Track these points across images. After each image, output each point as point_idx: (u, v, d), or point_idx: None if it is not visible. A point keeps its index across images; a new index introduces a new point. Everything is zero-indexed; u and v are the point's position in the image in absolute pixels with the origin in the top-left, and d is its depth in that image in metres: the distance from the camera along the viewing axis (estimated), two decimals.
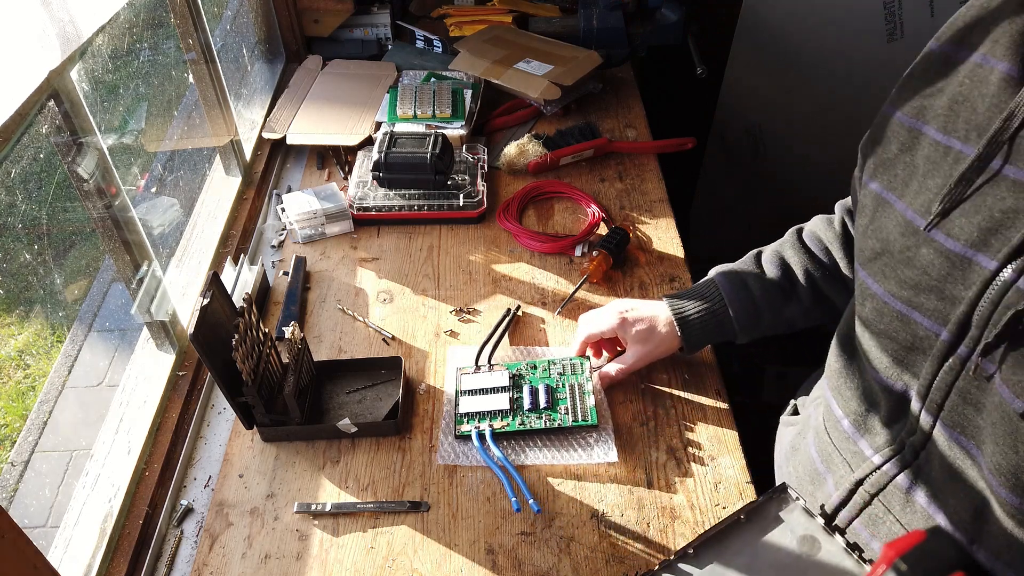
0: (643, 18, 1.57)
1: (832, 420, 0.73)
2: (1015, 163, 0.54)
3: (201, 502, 0.86)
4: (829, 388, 0.75)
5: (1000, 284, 0.53)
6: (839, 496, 0.69)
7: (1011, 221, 0.53)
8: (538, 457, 0.87)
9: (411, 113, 1.33)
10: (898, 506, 0.64)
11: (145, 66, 1.25)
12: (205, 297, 0.79)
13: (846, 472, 0.69)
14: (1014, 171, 0.54)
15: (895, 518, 0.64)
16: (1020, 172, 0.53)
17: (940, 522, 0.60)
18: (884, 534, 0.65)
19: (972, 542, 0.58)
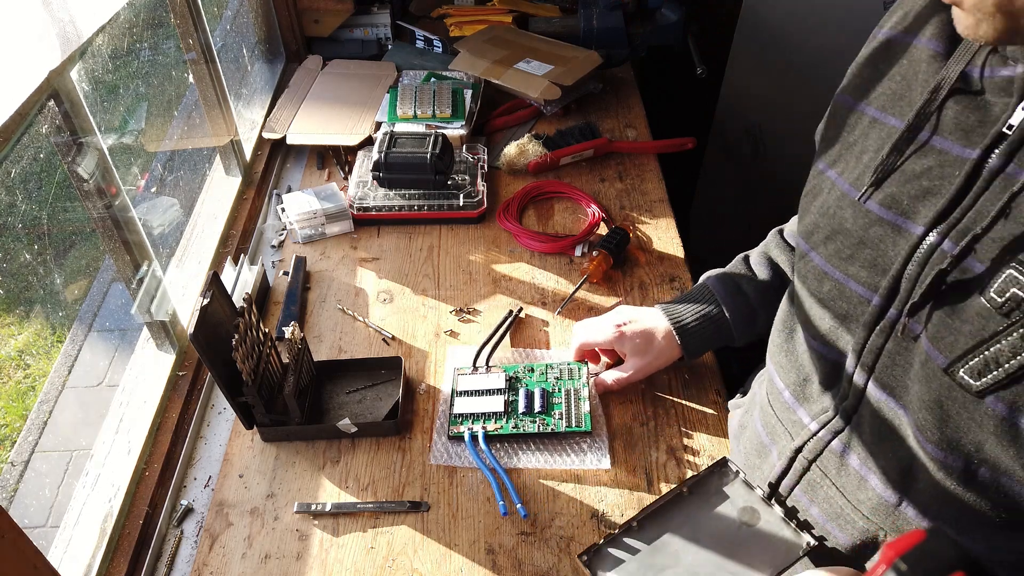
0: (643, 18, 1.57)
1: (774, 392, 0.75)
2: (941, 133, 0.57)
3: (201, 502, 0.86)
4: (771, 362, 0.77)
5: (926, 248, 0.56)
6: (781, 465, 0.71)
7: (937, 188, 0.56)
8: (531, 461, 0.87)
9: (411, 113, 1.33)
10: (833, 470, 0.66)
11: (145, 66, 1.25)
12: (205, 297, 0.79)
13: (787, 441, 0.71)
14: (940, 140, 0.57)
15: (831, 482, 0.66)
16: (945, 142, 0.57)
17: (872, 483, 0.62)
18: (821, 499, 0.68)
19: (901, 501, 0.60)
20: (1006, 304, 0.49)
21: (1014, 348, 0.49)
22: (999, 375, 0.50)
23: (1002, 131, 0.52)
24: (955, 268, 0.53)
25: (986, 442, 0.52)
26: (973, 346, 0.51)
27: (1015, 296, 0.49)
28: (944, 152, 0.56)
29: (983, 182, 0.53)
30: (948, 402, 0.53)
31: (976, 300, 0.51)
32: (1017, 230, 0.50)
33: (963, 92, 0.56)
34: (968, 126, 0.55)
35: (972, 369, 0.51)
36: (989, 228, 0.51)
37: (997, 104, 0.54)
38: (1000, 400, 0.50)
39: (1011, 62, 0.53)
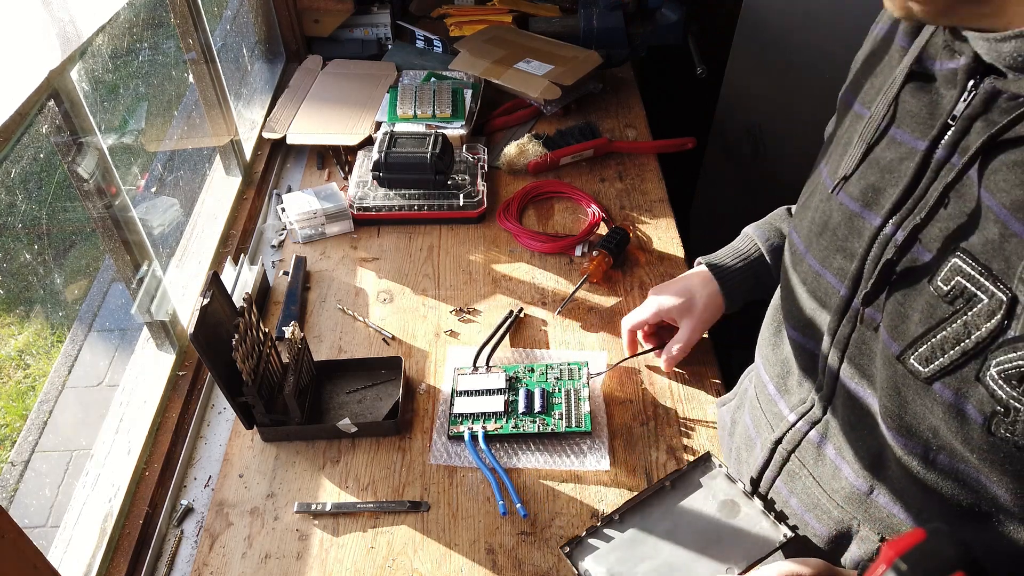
0: (643, 18, 1.57)
1: (760, 386, 0.76)
2: (900, 125, 0.58)
3: (201, 502, 0.86)
4: (759, 356, 0.78)
5: (882, 238, 0.57)
6: (763, 457, 0.72)
7: (893, 179, 0.57)
8: (530, 461, 0.87)
9: (411, 113, 1.33)
10: (811, 460, 0.67)
11: (145, 66, 1.25)
12: (205, 297, 0.79)
13: (768, 433, 0.72)
14: (899, 133, 0.58)
15: (808, 472, 0.68)
16: (901, 132, 0.58)
17: (844, 472, 0.63)
18: (800, 489, 0.69)
19: (872, 489, 0.61)
20: (951, 292, 0.50)
21: (957, 335, 0.50)
22: (944, 362, 0.51)
23: (947, 122, 0.54)
24: (902, 258, 0.54)
25: (939, 428, 0.53)
26: (921, 333, 0.52)
27: (959, 284, 0.50)
28: (902, 144, 0.58)
29: (931, 173, 0.54)
30: (904, 389, 0.54)
31: (925, 288, 0.53)
32: (960, 219, 0.51)
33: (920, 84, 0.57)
34: (921, 118, 0.57)
35: (920, 356, 0.52)
36: (929, 218, 0.53)
37: (945, 95, 0.55)
38: (946, 387, 0.51)
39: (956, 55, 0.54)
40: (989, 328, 0.48)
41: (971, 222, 0.50)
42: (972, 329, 0.49)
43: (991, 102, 0.50)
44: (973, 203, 0.50)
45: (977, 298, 0.49)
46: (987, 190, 0.49)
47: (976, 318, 0.49)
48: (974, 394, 0.49)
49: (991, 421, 0.49)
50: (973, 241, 0.50)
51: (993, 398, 0.48)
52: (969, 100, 0.52)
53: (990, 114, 0.50)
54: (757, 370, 0.78)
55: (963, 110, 0.52)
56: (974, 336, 0.49)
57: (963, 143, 0.52)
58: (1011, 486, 0.51)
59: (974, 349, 0.49)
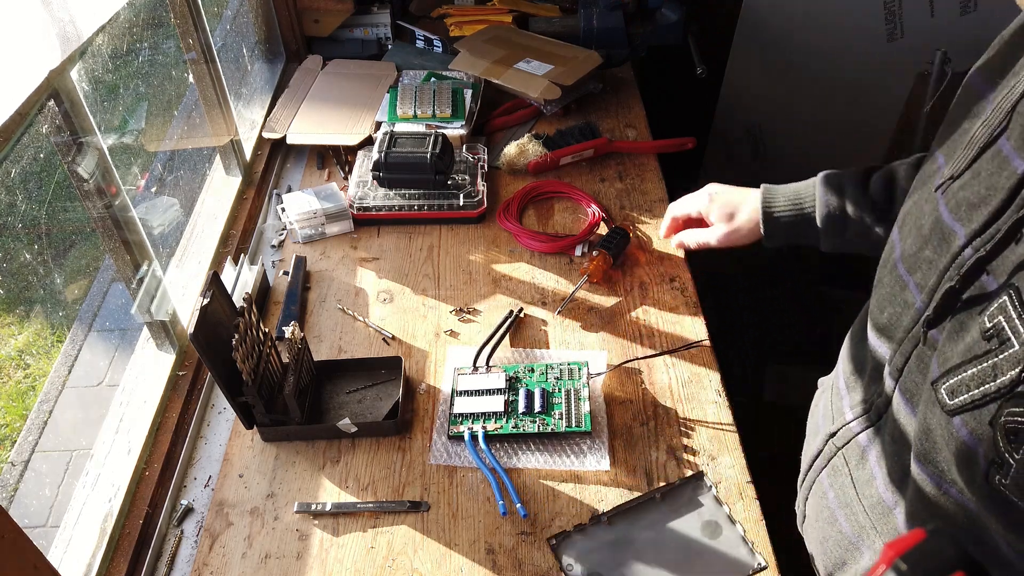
0: (643, 18, 1.57)
1: (837, 376, 0.76)
2: (1009, 137, 0.52)
3: (201, 502, 0.86)
4: (846, 346, 0.77)
5: (961, 260, 0.53)
6: (817, 446, 0.73)
7: (990, 197, 0.52)
8: (530, 461, 0.87)
9: (411, 113, 1.33)
10: (854, 461, 0.67)
11: (145, 66, 1.25)
12: (205, 297, 0.79)
13: (828, 425, 0.72)
14: (1006, 145, 0.52)
15: (848, 472, 0.68)
16: (1008, 147, 0.52)
17: (878, 482, 0.63)
18: (838, 485, 0.69)
19: (895, 505, 0.61)
20: (991, 330, 0.48)
21: (984, 375, 0.48)
22: (966, 399, 0.49)
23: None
24: (966, 286, 0.51)
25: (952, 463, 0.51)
26: (956, 364, 0.50)
27: (999, 324, 0.47)
28: (1007, 158, 0.51)
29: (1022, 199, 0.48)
30: (930, 416, 0.53)
31: (976, 320, 0.50)
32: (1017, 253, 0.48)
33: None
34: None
35: (950, 388, 0.50)
36: (998, 250, 0.49)
37: None
38: (965, 424, 0.49)
39: None
40: (1012, 376, 0.46)
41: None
42: (999, 373, 0.46)
43: None
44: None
45: (1010, 343, 0.46)
46: None
47: (1004, 363, 0.46)
48: (985, 438, 0.48)
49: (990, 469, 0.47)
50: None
51: (995, 448, 0.46)
52: None
53: None
54: (841, 359, 0.77)
55: None
56: (998, 380, 0.46)
57: None
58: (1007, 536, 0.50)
59: (995, 394, 0.46)
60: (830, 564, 0.69)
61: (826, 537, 0.69)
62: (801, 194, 0.91)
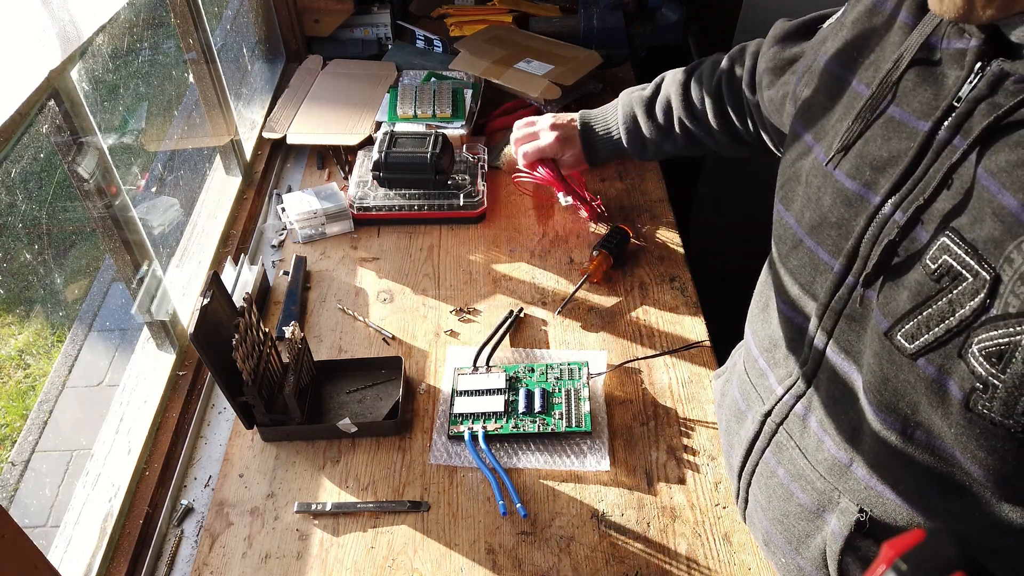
0: (643, 18, 1.57)
1: (750, 360, 0.77)
2: (899, 104, 0.58)
3: (201, 502, 0.86)
4: (749, 330, 0.79)
5: (880, 218, 0.57)
6: (753, 428, 0.73)
7: (894, 159, 0.57)
8: (530, 461, 0.87)
9: (411, 113, 1.33)
10: (797, 432, 0.68)
11: (145, 66, 1.25)
12: (205, 297, 0.79)
13: (759, 406, 0.73)
14: (898, 111, 0.58)
15: (795, 443, 0.68)
16: (902, 112, 0.58)
17: (827, 443, 0.64)
18: (786, 460, 0.69)
19: (851, 461, 0.62)
20: (938, 270, 0.51)
21: (942, 313, 0.51)
22: (929, 338, 0.52)
23: (952, 103, 0.53)
24: (904, 238, 0.55)
25: (920, 404, 0.54)
26: (909, 310, 0.53)
27: (946, 263, 0.51)
28: (902, 123, 0.58)
29: (932, 154, 0.54)
30: (888, 364, 0.55)
31: (916, 267, 0.53)
32: (954, 200, 0.52)
33: (924, 63, 0.57)
34: (924, 97, 0.57)
35: (907, 333, 0.53)
36: (932, 199, 0.53)
37: (950, 76, 0.55)
38: (930, 363, 0.52)
39: (966, 35, 0.54)
40: (972, 307, 0.49)
41: (963, 202, 0.51)
42: (956, 307, 0.50)
43: (997, 84, 0.51)
44: (968, 183, 0.51)
45: (962, 277, 0.50)
46: (986, 170, 0.49)
47: (960, 296, 0.50)
48: (956, 370, 0.50)
49: (970, 397, 0.50)
50: (963, 221, 0.51)
51: (973, 375, 0.49)
52: (975, 82, 0.52)
53: (995, 96, 0.50)
54: (747, 344, 0.79)
55: (968, 92, 0.52)
56: (958, 314, 0.50)
57: (966, 125, 0.52)
58: (985, 461, 0.52)
59: (958, 327, 0.50)
60: (794, 539, 0.70)
61: (786, 514, 0.70)
62: (607, 117, 1.13)
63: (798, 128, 0.71)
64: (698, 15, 1.61)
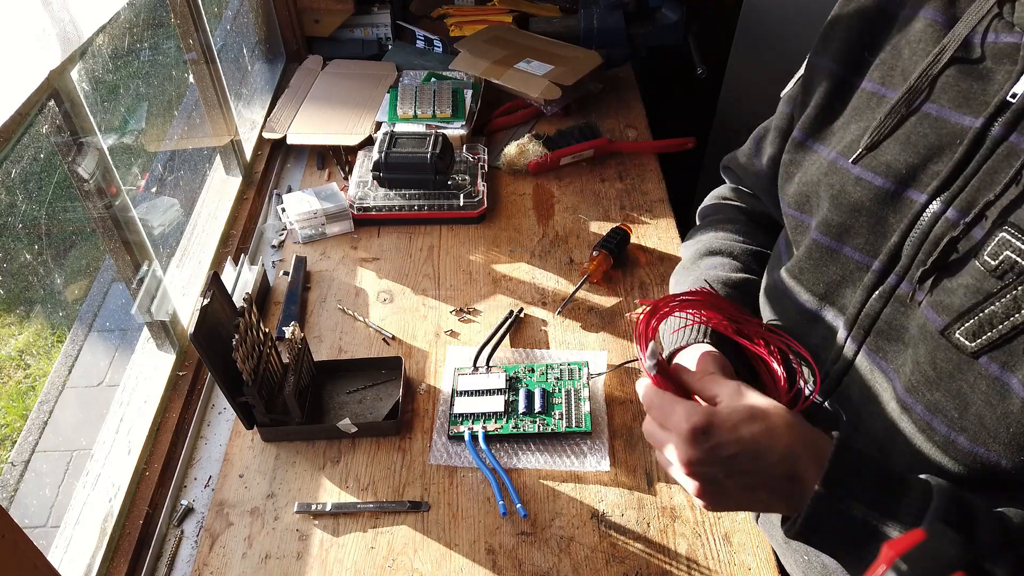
0: (643, 18, 1.57)
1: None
2: (937, 100, 0.57)
3: (201, 502, 0.86)
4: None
5: (929, 216, 0.56)
6: None
7: (936, 156, 0.57)
8: (530, 461, 0.87)
9: (411, 113, 1.33)
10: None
11: (145, 66, 1.25)
12: (205, 297, 0.79)
13: None
14: (936, 108, 0.57)
15: None
16: (943, 109, 0.57)
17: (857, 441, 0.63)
18: None
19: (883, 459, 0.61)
20: (1000, 267, 0.51)
21: (1007, 309, 0.50)
22: (993, 336, 0.51)
23: (1005, 99, 0.53)
24: (965, 236, 0.54)
25: (974, 404, 0.53)
26: (968, 308, 0.52)
27: (1008, 259, 0.50)
28: (941, 120, 0.57)
29: (986, 151, 0.53)
30: (943, 363, 0.54)
31: (971, 263, 0.53)
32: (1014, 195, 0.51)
33: (962, 60, 0.57)
34: (968, 94, 0.56)
35: (967, 331, 0.52)
36: (1000, 195, 0.52)
37: (999, 72, 0.54)
38: (993, 360, 0.52)
39: (1018, 29, 0.53)
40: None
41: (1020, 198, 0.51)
42: (1023, 303, 0.50)
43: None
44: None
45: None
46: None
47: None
48: (1020, 367, 0.50)
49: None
50: (1022, 215, 0.50)
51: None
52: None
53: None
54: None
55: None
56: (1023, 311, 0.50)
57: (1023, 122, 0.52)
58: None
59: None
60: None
61: None
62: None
63: (799, 135, 0.70)
64: (698, 15, 1.61)
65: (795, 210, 0.69)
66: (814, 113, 0.69)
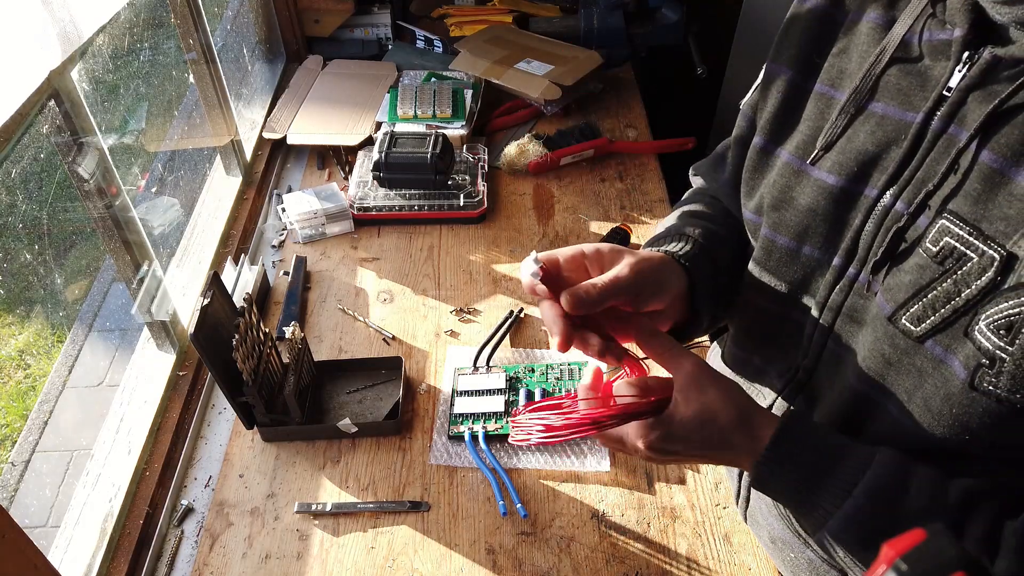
0: (643, 18, 1.57)
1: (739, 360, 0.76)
2: (882, 99, 0.60)
3: (201, 502, 0.86)
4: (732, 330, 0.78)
5: (881, 209, 0.58)
6: None
7: (885, 152, 0.59)
8: (531, 461, 0.87)
9: (411, 113, 1.33)
10: None
11: (145, 66, 1.25)
12: (206, 297, 0.79)
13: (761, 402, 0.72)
14: (881, 106, 0.60)
15: None
16: (887, 107, 0.59)
17: None
18: None
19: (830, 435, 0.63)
20: (940, 252, 0.53)
21: (948, 294, 0.52)
22: (936, 320, 0.53)
23: (942, 93, 0.55)
24: (910, 226, 0.56)
25: (922, 386, 0.55)
26: (913, 294, 0.54)
27: (948, 244, 0.52)
28: (886, 117, 0.59)
29: (927, 143, 0.56)
30: (891, 349, 0.56)
31: (916, 251, 0.55)
32: (952, 184, 0.53)
33: (902, 59, 0.59)
34: (908, 90, 0.58)
35: (912, 316, 0.54)
36: (940, 185, 0.54)
37: (936, 67, 0.56)
38: (937, 344, 0.53)
39: (948, 26, 0.55)
40: (980, 285, 0.50)
41: (959, 185, 0.53)
42: (962, 287, 0.51)
43: (990, 71, 0.52)
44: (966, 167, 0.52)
45: (967, 257, 0.51)
46: (996, 153, 0.51)
47: (966, 276, 0.51)
48: (961, 349, 0.51)
49: (975, 375, 0.51)
50: (960, 203, 0.52)
51: (980, 351, 0.50)
52: (965, 71, 0.53)
53: (990, 83, 0.52)
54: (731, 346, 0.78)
55: (959, 81, 0.54)
56: (964, 293, 0.51)
57: (960, 113, 0.54)
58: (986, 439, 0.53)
59: (964, 306, 0.51)
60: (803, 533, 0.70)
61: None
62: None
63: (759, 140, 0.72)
64: (698, 15, 1.61)
65: (754, 214, 0.71)
66: (772, 118, 0.71)
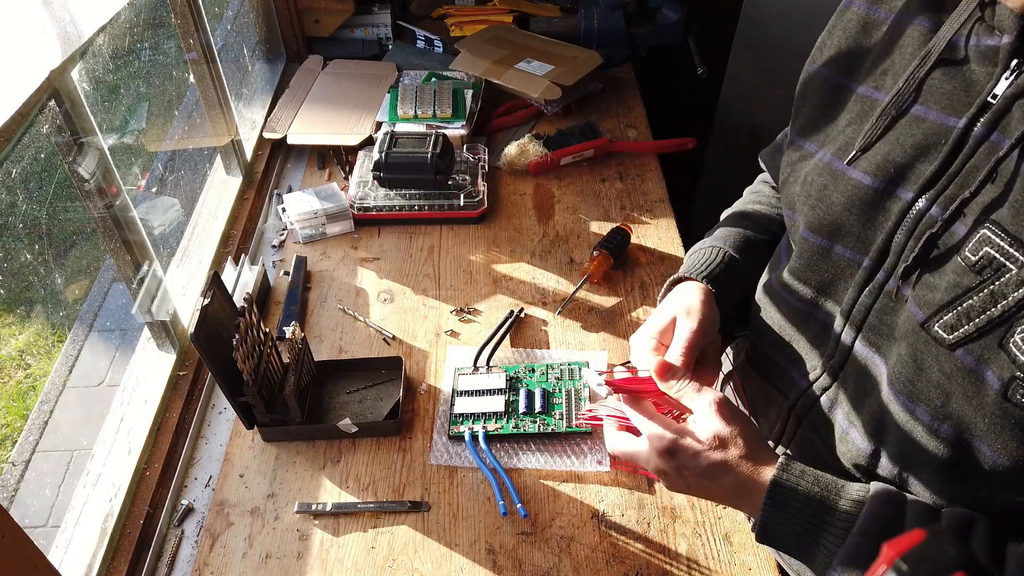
0: (643, 18, 1.57)
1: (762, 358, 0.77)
2: (925, 103, 0.59)
3: (202, 502, 0.86)
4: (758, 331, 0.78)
5: (915, 213, 0.58)
6: (779, 424, 0.74)
7: (923, 156, 0.59)
8: (531, 461, 0.87)
9: (412, 113, 1.33)
10: (821, 425, 0.69)
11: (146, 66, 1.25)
12: (206, 297, 0.79)
13: (783, 401, 0.73)
14: (923, 110, 0.60)
15: (819, 436, 0.69)
16: (929, 111, 0.59)
17: (852, 436, 0.65)
18: (810, 454, 0.70)
19: (877, 453, 0.63)
20: (979, 262, 0.52)
21: (984, 304, 0.52)
22: (969, 329, 0.53)
23: (987, 100, 0.55)
24: (944, 232, 0.56)
25: (954, 394, 0.54)
26: (948, 302, 0.54)
27: (987, 255, 0.52)
28: (928, 121, 0.59)
29: (968, 150, 0.55)
30: (923, 355, 0.56)
31: (953, 259, 0.54)
32: (994, 193, 0.53)
33: (947, 62, 0.59)
34: (953, 95, 0.58)
35: (946, 324, 0.54)
36: (976, 193, 0.54)
37: (981, 73, 0.56)
38: (969, 353, 0.53)
39: (996, 32, 0.55)
40: (1016, 297, 0.50)
41: (1003, 195, 0.52)
42: (999, 298, 0.51)
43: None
44: (1008, 177, 0.52)
45: (1006, 268, 0.51)
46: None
47: (1004, 287, 0.51)
48: (995, 360, 0.51)
49: (1009, 387, 0.50)
50: (1004, 213, 0.52)
51: (1015, 364, 0.50)
52: (1012, 79, 0.53)
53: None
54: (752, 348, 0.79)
55: (1005, 88, 0.53)
56: (1000, 304, 0.51)
57: (1003, 121, 0.53)
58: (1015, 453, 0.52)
59: (1000, 317, 0.51)
60: None
61: None
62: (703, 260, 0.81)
63: (797, 140, 0.72)
64: (698, 15, 1.61)
65: (789, 210, 0.71)
66: (810, 117, 0.71)
